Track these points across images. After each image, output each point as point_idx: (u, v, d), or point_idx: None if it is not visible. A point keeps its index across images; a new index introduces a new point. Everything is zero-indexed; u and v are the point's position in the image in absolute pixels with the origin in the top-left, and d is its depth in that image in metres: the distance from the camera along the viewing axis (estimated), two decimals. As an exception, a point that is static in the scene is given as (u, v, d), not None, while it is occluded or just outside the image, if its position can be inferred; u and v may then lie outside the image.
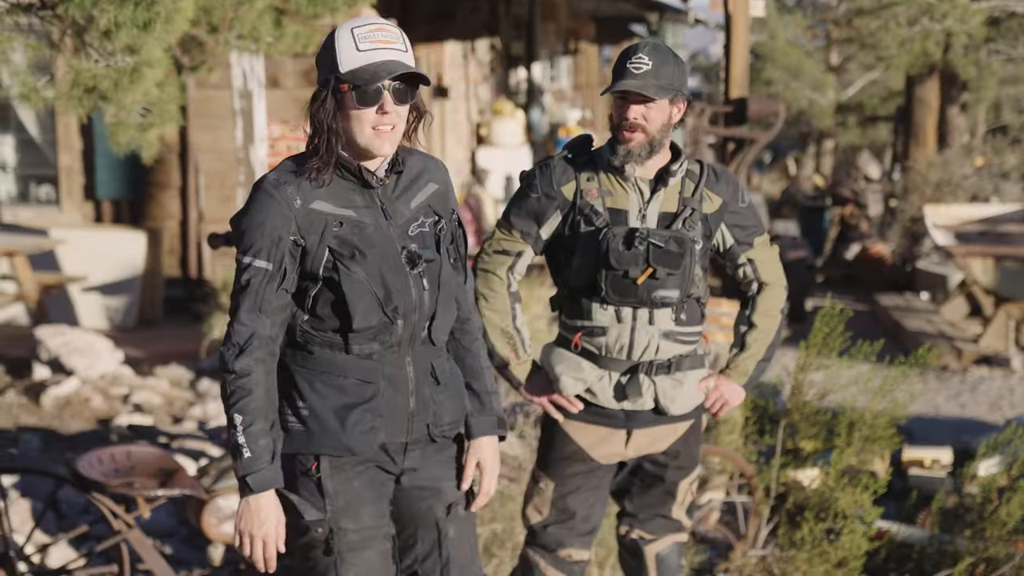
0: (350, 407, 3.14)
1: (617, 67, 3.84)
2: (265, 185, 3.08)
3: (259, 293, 3.06)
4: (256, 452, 3.03)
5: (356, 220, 3.10)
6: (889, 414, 5.95)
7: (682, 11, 21.28)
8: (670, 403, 3.99)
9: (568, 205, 3.93)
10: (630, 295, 3.87)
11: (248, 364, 3.04)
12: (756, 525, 5.93)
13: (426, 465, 3.29)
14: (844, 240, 17.98)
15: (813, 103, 29.23)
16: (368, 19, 3.10)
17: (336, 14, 8.09)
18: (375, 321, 3.11)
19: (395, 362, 3.18)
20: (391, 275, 3.12)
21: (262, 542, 3.09)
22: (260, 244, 3.06)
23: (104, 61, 6.22)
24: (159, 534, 5.88)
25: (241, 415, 3.03)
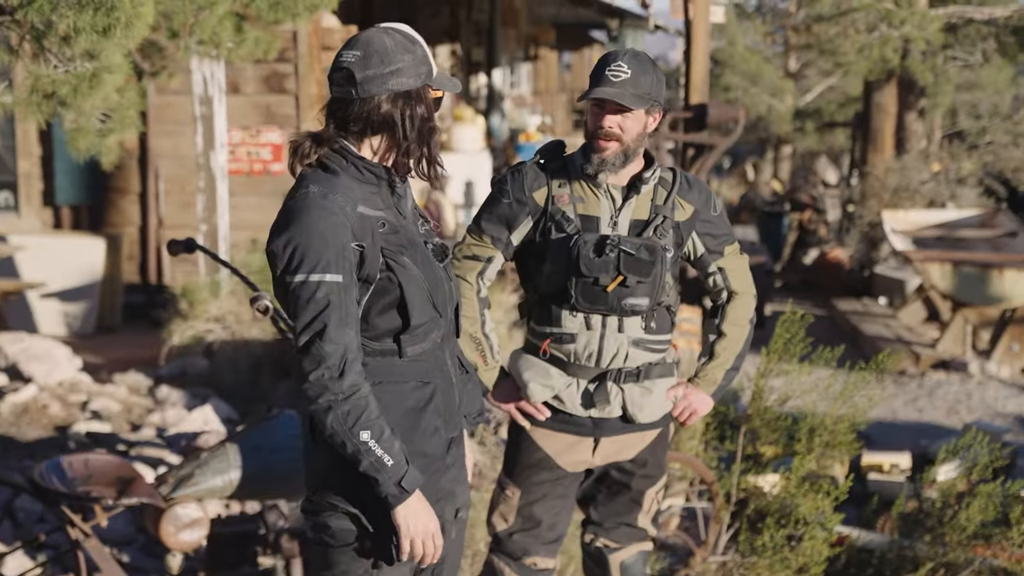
0: (417, 411, 3.14)
1: (595, 73, 3.83)
2: (313, 198, 3.02)
3: (342, 307, 2.99)
4: (396, 458, 2.99)
5: (392, 221, 3.13)
6: (849, 419, 5.98)
7: (642, 17, 21.34)
8: (638, 411, 3.99)
9: (539, 211, 3.93)
10: (600, 302, 3.87)
11: (354, 380, 2.98)
12: (717, 531, 5.95)
13: (453, 461, 3.31)
14: (802, 245, 18.09)
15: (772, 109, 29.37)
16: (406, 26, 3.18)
17: (297, 20, 8.03)
18: (428, 317, 3.13)
19: (440, 359, 3.20)
20: (429, 270, 3.16)
21: (432, 538, 3.08)
22: (328, 257, 2.98)
23: (63, 67, 6.17)
24: (117, 542, 5.84)
25: (368, 430, 2.97)
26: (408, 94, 3.07)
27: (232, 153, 12.40)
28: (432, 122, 3.11)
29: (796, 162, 31.31)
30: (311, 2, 8.06)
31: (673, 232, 3.96)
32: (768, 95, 29.53)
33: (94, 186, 11.77)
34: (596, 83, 3.82)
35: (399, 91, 3.06)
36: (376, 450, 2.97)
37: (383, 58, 3.04)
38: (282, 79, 12.48)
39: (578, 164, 3.93)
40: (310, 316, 2.98)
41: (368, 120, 3.08)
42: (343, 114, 3.09)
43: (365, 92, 3.04)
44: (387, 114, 3.06)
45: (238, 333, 9.03)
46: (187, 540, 5.11)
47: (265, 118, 12.42)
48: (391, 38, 3.07)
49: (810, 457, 5.72)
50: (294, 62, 12.49)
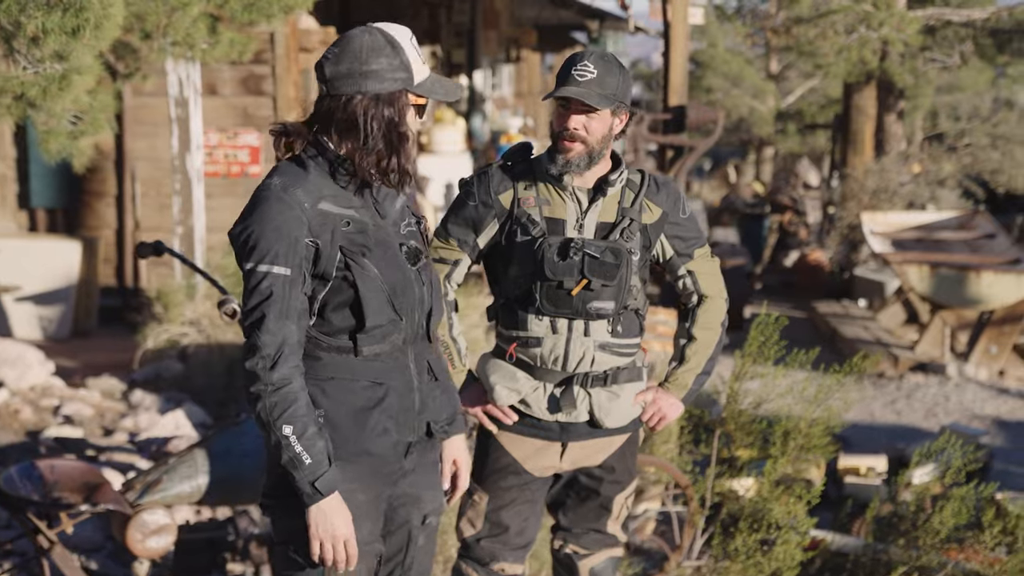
0: (366, 410, 3.13)
1: (561, 73, 3.79)
2: (272, 190, 3.04)
3: (284, 300, 3.01)
4: (316, 457, 2.99)
5: (359, 219, 3.11)
6: (824, 423, 5.96)
7: (622, 19, 21.33)
8: (605, 416, 3.95)
9: (505, 214, 3.89)
10: (564, 306, 3.84)
11: (286, 373, 2.99)
12: (691, 535, 5.92)
13: (417, 470, 3.30)
14: (783, 247, 18.09)
15: (753, 111, 29.42)
16: (402, 28, 3.14)
17: (272, 21, 7.98)
18: (385, 319, 3.12)
19: (401, 361, 3.19)
20: (395, 272, 3.14)
21: (342, 542, 3.05)
22: (277, 249, 3.00)
23: (33, 68, 6.11)
24: (85, 549, 5.78)
25: (291, 424, 2.98)
26: (379, 97, 3.04)
27: (209, 155, 12.33)
28: (402, 128, 3.07)
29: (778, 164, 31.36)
30: (286, 3, 8.01)
31: (640, 235, 3.92)
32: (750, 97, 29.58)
33: (70, 188, 11.69)
34: (562, 83, 3.78)
35: (370, 93, 3.03)
36: (296, 446, 2.97)
37: (356, 58, 3.02)
38: (259, 81, 12.41)
39: (544, 166, 3.89)
40: (252, 305, 3.02)
41: (334, 118, 3.07)
42: (316, 109, 3.10)
43: (335, 89, 3.04)
44: (352, 114, 3.04)
45: (213, 337, 8.98)
46: (154, 547, 5.07)
47: (243, 120, 12.36)
48: (372, 39, 3.04)
49: (783, 461, 5.69)
50: (271, 64, 12.42)
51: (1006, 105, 24.36)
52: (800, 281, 16.23)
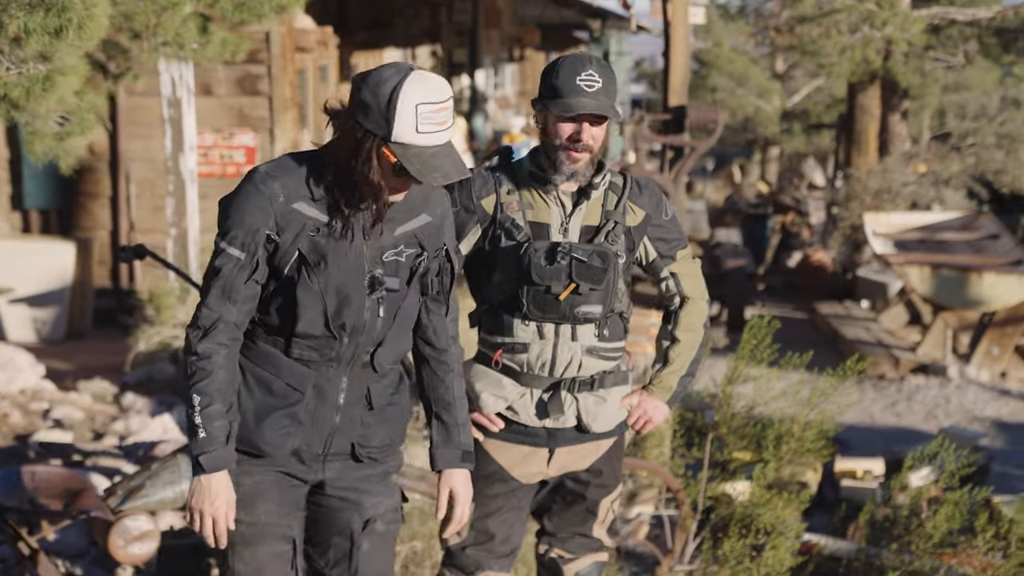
0: (271, 409, 3.18)
1: (563, 82, 3.66)
2: (254, 176, 3.10)
3: (229, 280, 3.09)
4: (211, 433, 3.08)
5: (334, 230, 3.12)
6: (817, 426, 5.88)
7: (624, 18, 21.26)
8: (592, 420, 3.89)
9: (488, 219, 3.81)
10: (552, 311, 3.77)
11: (210, 347, 3.09)
12: (683, 540, 5.84)
13: (351, 477, 3.33)
14: (786, 248, 18.01)
15: (759, 110, 29.34)
16: (436, 90, 3.00)
17: (263, 20, 7.91)
18: (317, 332, 3.15)
19: (329, 376, 3.21)
20: (349, 292, 3.14)
21: (211, 519, 3.13)
22: (236, 232, 3.07)
23: (16, 69, 6.04)
24: (69, 555, 5.71)
25: (200, 395, 3.09)
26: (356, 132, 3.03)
27: (205, 156, 12.27)
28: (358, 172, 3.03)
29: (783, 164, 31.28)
30: (277, 3, 7.94)
31: (625, 237, 3.85)
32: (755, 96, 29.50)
33: (64, 190, 11.63)
34: (570, 93, 3.66)
35: (356, 123, 3.03)
36: (196, 417, 3.09)
37: (365, 85, 3.02)
38: (255, 81, 12.35)
39: (526, 171, 3.81)
40: (205, 276, 3.13)
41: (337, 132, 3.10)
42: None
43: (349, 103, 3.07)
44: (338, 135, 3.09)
45: (205, 339, 8.90)
46: (137, 553, 5.00)
47: (238, 120, 12.30)
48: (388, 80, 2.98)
49: (773, 465, 5.61)
50: (267, 64, 12.36)
51: (1013, 104, 24.27)
52: (803, 282, 16.15)
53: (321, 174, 3.11)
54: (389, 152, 3.02)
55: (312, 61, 13.90)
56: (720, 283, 13.44)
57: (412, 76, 2.98)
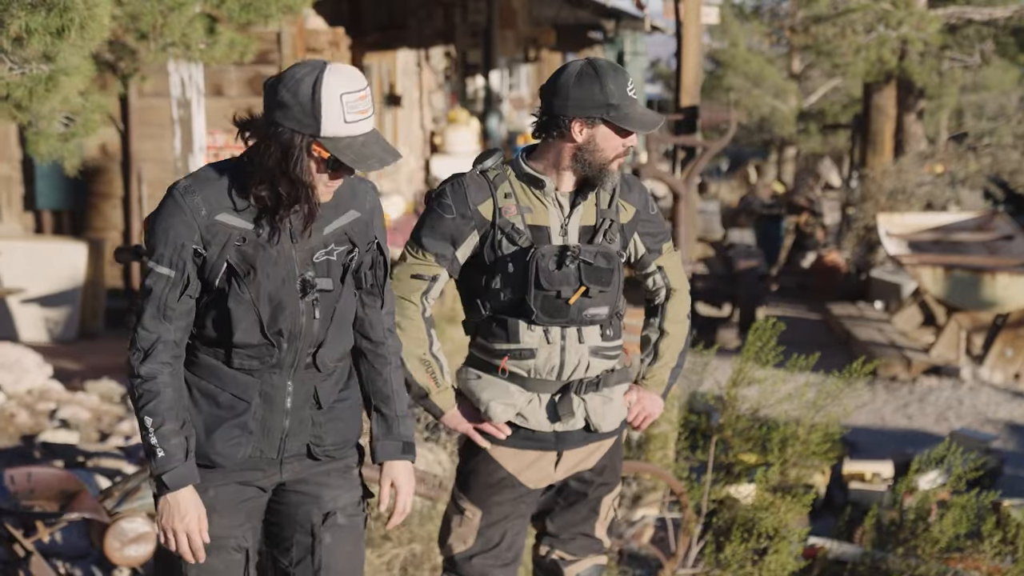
0: (220, 420, 3.18)
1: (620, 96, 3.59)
2: (174, 192, 3.09)
3: (162, 299, 3.09)
4: (169, 451, 3.09)
5: (260, 238, 3.10)
6: (823, 429, 5.82)
7: (639, 18, 21.20)
8: (601, 420, 3.87)
9: (486, 224, 3.74)
10: (561, 315, 3.72)
11: (153, 368, 3.09)
12: (686, 543, 5.80)
13: (309, 475, 3.33)
14: (800, 248, 17.93)
15: (775, 110, 29.25)
16: (353, 79, 3.00)
17: (270, 21, 7.89)
18: (255, 340, 3.14)
19: (274, 382, 3.21)
20: (282, 298, 3.13)
21: (185, 535, 3.13)
22: (163, 250, 3.08)
23: (19, 69, 6.04)
24: (70, 556, 5.70)
25: (151, 417, 3.08)
26: (282, 134, 2.99)
27: (216, 156, 12.27)
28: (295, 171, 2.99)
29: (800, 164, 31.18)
30: (284, 3, 7.93)
31: (619, 235, 3.83)
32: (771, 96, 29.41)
33: (76, 190, 11.63)
34: (628, 106, 3.60)
35: (278, 125, 2.99)
36: (151, 438, 3.09)
37: (280, 85, 3.00)
38: (267, 82, 12.35)
39: (522, 172, 3.76)
40: (139, 298, 3.14)
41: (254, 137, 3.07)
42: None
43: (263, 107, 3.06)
44: (260, 140, 3.04)
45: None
46: (133, 555, 4.98)
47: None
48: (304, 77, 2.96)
49: (774, 469, 5.56)
50: (278, 64, 12.34)
51: (1031, 104, 24.12)
52: (816, 283, 16.08)
53: (244, 183, 3.07)
54: (320, 148, 2.99)
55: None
56: (732, 284, 13.39)
57: (328, 69, 2.97)
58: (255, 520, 3.31)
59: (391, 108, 17.21)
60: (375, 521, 5.40)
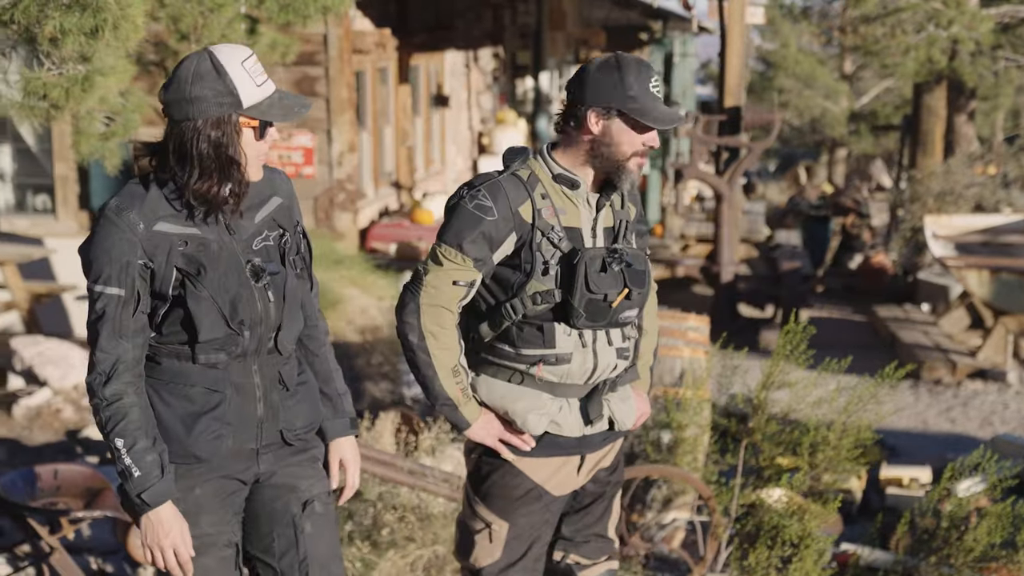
0: (197, 415, 3.20)
1: (641, 91, 3.53)
2: (107, 213, 3.11)
3: (116, 319, 3.10)
4: (145, 469, 3.09)
5: (200, 237, 3.14)
6: (854, 434, 5.75)
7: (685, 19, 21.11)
8: (624, 418, 3.84)
9: (526, 227, 3.61)
10: (602, 318, 3.65)
11: (117, 388, 3.11)
12: (714, 548, 5.75)
13: (282, 466, 3.37)
14: (848, 250, 17.78)
15: (826, 111, 29.04)
16: (239, 48, 3.13)
17: (308, 22, 7.92)
18: (220, 334, 3.17)
19: (241, 371, 3.24)
20: (237, 289, 3.17)
21: (172, 551, 3.15)
22: (109, 271, 3.09)
23: (57, 69, 6.10)
24: (101, 552, 5.75)
25: (122, 438, 3.08)
26: (206, 122, 3.06)
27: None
28: (231, 152, 3.08)
29: (851, 166, 30.94)
30: (322, 4, 7.96)
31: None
32: (822, 97, 29.19)
33: (127, 190, 11.72)
34: (649, 102, 3.54)
35: (196, 119, 3.05)
36: (125, 459, 3.08)
37: (181, 85, 3.06)
38: (313, 82, 12.42)
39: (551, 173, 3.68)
40: (89, 323, 3.13)
41: (171, 143, 3.11)
42: (164, 134, 3.15)
43: (169, 116, 3.09)
44: (182, 140, 3.08)
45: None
46: (157, 552, 4.99)
47: (296, 121, 12.37)
48: (198, 64, 3.06)
49: (802, 473, 5.50)
50: (324, 65, 12.43)
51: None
52: (863, 284, 15.92)
53: (171, 189, 3.13)
54: (247, 118, 3.09)
55: (371, 63, 13.94)
56: (776, 285, 13.29)
57: (214, 48, 3.08)
58: (239, 515, 3.34)
59: (439, 109, 17.24)
60: (399, 522, 5.41)
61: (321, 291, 10.07)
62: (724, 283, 12.73)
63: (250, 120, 3.09)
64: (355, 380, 8.99)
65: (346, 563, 5.35)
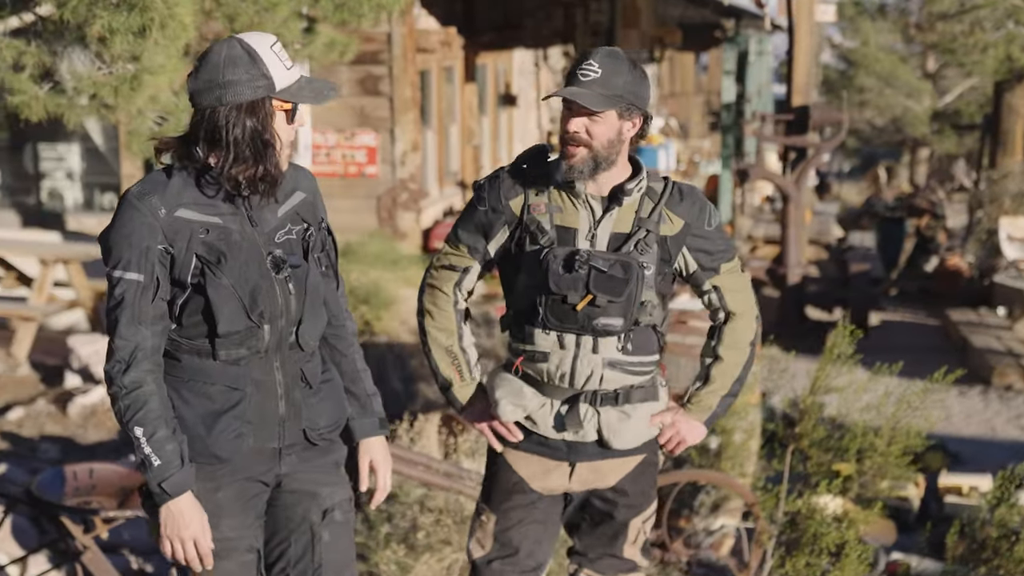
0: (217, 414, 3.16)
1: (569, 74, 3.57)
2: (129, 197, 3.09)
3: (135, 306, 3.07)
4: (165, 458, 3.05)
5: (222, 226, 3.11)
6: (903, 440, 5.61)
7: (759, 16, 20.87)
8: (613, 436, 3.71)
9: (515, 220, 3.65)
10: (569, 321, 3.58)
11: (137, 376, 3.06)
12: (759, 555, 5.64)
13: (304, 469, 3.32)
14: (923, 252, 17.45)
15: (907, 110, 28.57)
16: (265, 35, 3.15)
17: (363, 20, 7.91)
18: (240, 326, 3.13)
19: (263, 367, 3.20)
20: (257, 280, 3.13)
21: (192, 542, 3.10)
22: (129, 256, 3.06)
23: (107, 68, 6.14)
24: (142, 551, 5.78)
25: (142, 427, 3.04)
26: (239, 107, 3.06)
27: (327, 156, 12.40)
28: (266, 136, 3.08)
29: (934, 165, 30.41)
30: (376, 3, 7.94)
31: (659, 247, 3.65)
32: (904, 96, 28.73)
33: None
34: (566, 83, 3.55)
35: (230, 104, 3.05)
36: (145, 448, 3.04)
37: (214, 70, 3.05)
38: (376, 81, 12.43)
39: (560, 171, 3.66)
40: (109, 308, 3.10)
41: (203, 131, 3.09)
42: (190, 123, 3.14)
43: (198, 103, 3.08)
44: (214, 126, 3.07)
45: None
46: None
47: (360, 120, 12.40)
48: (229, 50, 3.06)
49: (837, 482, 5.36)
50: (388, 64, 12.44)
51: None
52: (937, 287, 15.61)
53: (195, 178, 3.12)
54: (280, 101, 3.09)
55: (436, 62, 13.93)
56: (844, 287, 13.06)
57: (242, 36, 3.09)
58: (261, 519, 3.30)
59: (506, 108, 17.20)
60: (435, 525, 5.37)
61: (375, 290, 10.13)
62: (790, 285, 12.55)
63: (283, 103, 3.09)
64: (409, 381, 8.97)
65: (381, 566, 5.32)
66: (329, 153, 12.45)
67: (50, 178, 12.63)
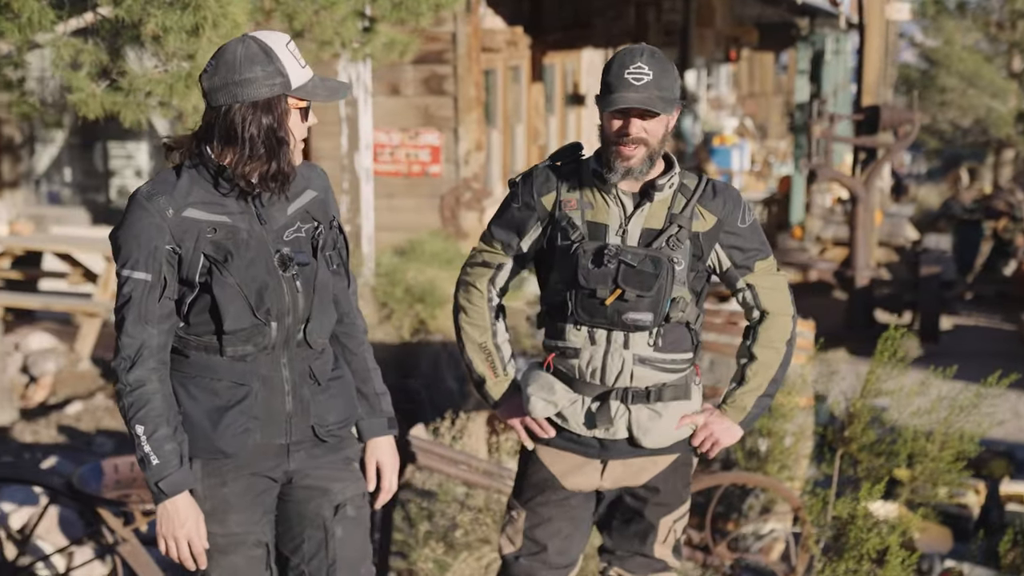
0: (223, 409, 3.18)
1: (613, 76, 3.50)
2: (138, 197, 3.13)
3: (142, 304, 3.11)
4: (164, 457, 3.09)
5: (230, 225, 3.14)
6: (955, 445, 5.50)
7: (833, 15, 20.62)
8: (644, 435, 3.69)
9: (547, 216, 3.67)
10: (599, 316, 3.59)
11: (141, 375, 3.10)
12: (806, 560, 5.55)
13: (315, 466, 3.33)
14: (1002, 255, 17.11)
15: (991, 111, 28.06)
16: (279, 33, 3.18)
17: (421, 19, 7.94)
18: (246, 323, 3.15)
19: (270, 364, 3.22)
20: (264, 278, 3.16)
21: (186, 542, 3.14)
22: (137, 256, 3.10)
23: (162, 66, 6.21)
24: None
25: (143, 425, 3.08)
26: (255, 104, 3.07)
27: (391, 155, 12.43)
28: (281, 134, 3.10)
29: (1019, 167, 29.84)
30: (435, 2, 7.96)
31: (691, 243, 3.62)
32: (988, 96, 28.21)
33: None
34: (617, 88, 3.50)
35: (246, 101, 3.07)
36: (144, 446, 3.07)
37: (231, 68, 3.07)
38: (441, 80, 12.44)
39: (590, 168, 3.65)
40: (117, 307, 3.14)
41: (218, 129, 3.10)
42: (203, 121, 3.16)
43: (214, 101, 3.09)
44: (230, 124, 3.08)
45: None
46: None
47: (424, 120, 12.42)
48: (245, 48, 3.08)
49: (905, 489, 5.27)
50: (453, 63, 12.44)
51: None
52: (1015, 291, 15.30)
53: (204, 177, 3.14)
54: (296, 99, 3.10)
55: (502, 61, 13.92)
56: (914, 290, 12.85)
57: (257, 34, 3.10)
58: (270, 513, 3.31)
59: (574, 107, 17.15)
60: (474, 524, 5.35)
61: (431, 289, 10.13)
62: (858, 288, 12.36)
63: (298, 101, 3.11)
64: (463, 380, 8.98)
65: (419, 564, 5.32)
66: (393, 152, 12.47)
67: (119, 176, 12.79)
